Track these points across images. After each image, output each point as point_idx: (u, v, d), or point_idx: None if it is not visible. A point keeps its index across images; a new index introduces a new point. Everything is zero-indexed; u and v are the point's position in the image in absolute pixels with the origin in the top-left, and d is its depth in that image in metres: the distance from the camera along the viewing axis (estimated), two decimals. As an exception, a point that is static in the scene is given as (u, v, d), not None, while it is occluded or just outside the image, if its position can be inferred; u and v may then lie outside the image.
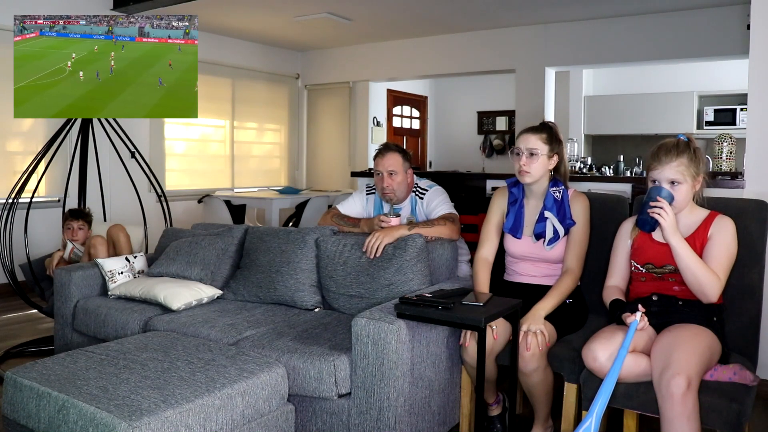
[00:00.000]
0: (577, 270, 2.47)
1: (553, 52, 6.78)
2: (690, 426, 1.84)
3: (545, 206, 2.51)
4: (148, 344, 2.33)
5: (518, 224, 2.55)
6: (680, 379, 1.85)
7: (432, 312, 2.10)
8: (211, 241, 3.31)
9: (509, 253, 2.62)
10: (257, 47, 7.81)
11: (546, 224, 2.49)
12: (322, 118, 8.53)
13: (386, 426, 2.19)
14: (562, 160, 2.56)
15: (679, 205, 2.16)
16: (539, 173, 2.50)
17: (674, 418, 1.85)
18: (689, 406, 1.84)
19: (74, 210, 4.05)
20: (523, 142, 2.51)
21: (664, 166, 2.15)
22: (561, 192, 2.52)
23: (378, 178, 3.14)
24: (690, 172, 2.15)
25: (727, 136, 5.66)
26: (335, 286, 2.91)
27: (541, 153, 2.48)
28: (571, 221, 2.48)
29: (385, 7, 6.20)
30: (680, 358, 1.90)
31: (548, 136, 2.51)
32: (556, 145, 2.53)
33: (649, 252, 2.22)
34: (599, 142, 8.42)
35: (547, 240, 2.49)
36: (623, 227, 2.36)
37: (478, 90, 9.52)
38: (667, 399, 1.86)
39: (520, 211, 2.56)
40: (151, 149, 6.53)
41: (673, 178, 2.14)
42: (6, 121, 5.30)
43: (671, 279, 2.18)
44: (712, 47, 5.99)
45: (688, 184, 2.15)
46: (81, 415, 1.81)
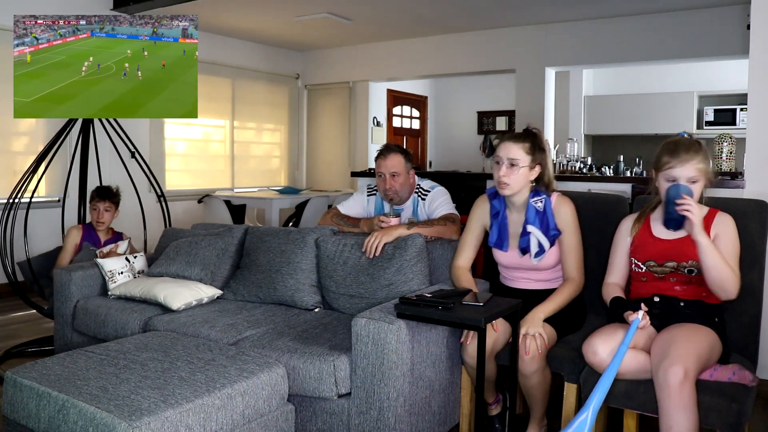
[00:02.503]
0: (578, 278, 2.44)
1: (553, 52, 6.78)
2: (686, 416, 1.84)
3: (527, 219, 2.42)
4: (148, 344, 2.33)
5: (503, 237, 2.49)
6: (677, 368, 1.85)
7: (432, 312, 2.10)
8: (211, 241, 3.31)
9: (499, 263, 2.58)
10: (257, 47, 7.81)
11: (530, 238, 2.42)
12: (322, 118, 8.53)
13: (386, 426, 2.19)
14: (545, 170, 2.45)
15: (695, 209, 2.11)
16: (519, 185, 2.40)
17: (670, 408, 1.85)
18: (685, 396, 1.84)
19: (101, 188, 3.81)
20: (503, 151, 2.39)
21: (684, 164, 2.11)
22: (543, 201, 2.42)
23: (380, 179, 3.13)
24: (706, 170, 2.13)
25: (727, 136, 5.66)
26: (335, 286, 2.91)
27: (522, 164, 2.37)
28: (556, 231, 2.42)
29: (385, 7, 6.20)
30: (678, 349, 1.91)
31: (531, 146, 2.40)
32: (539, 155, 2.42)
33: (651, 249, 2.21)
34: (599, 142, 8.42)
35: (533, 254, 2.43)
36: (623, 224, 2.34)
37: (478, 90, 9.52)
38: (664, 388, 1.86)
39: (504, 223, 2.49)
40: (151, 149, 6.53)
41: (694, 177, 2.11)
42: (6, 121, 5.30)
43: (672, 279, 2.18)
44: (712, 47, 5.99)
45: (702, 183, 2.14)
46: (81, 415, 1.81)
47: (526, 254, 2.45)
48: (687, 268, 2.15)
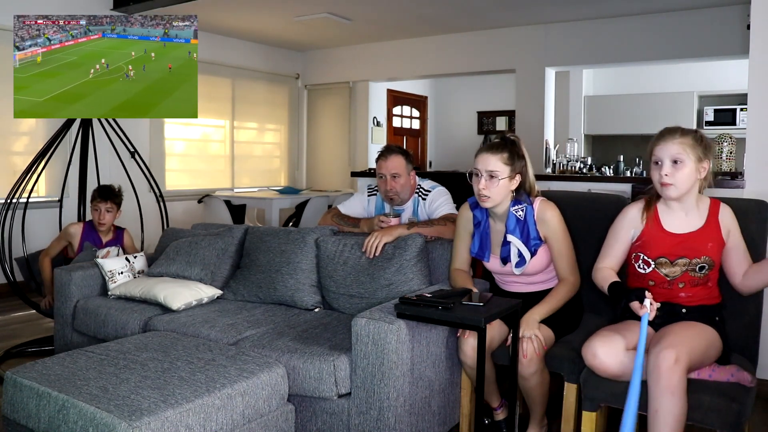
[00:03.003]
0: (572, 278, 2.41)
1: (553, 52, 6.78)
2: (673, 402, 1.82)
3: (507, 228, 2.39)
4: (148, 344, 2.33)
5: (484, 248, 2.47)
6: (668, 352, 1.84)
7: (432, 312, 2.10)
8: (211, 241, 3.31)
9: (487, 269, 2.58)
10: (257, 47, 7.81)
11: (510, 248, 2.39)
12: (322, 118, 8.53)
13: (386, 426, 2.19)
14: (525, 177, 2.41)
15: (681, 187, 2.07)
16: (500, 197, 2.36)
17: (658, 392, 1.84)
18: (674, 381, 1.83)
19: (103, 188, 3.72)
20: (482, 163, 2.35)
21: (667, 142, 2.06)
22: (524, 210, 2.38)
23: (381, 180, 3.13)
24: (694, 153, 2.05)
25: (727, 136, 5.66)
26: (335, 286, 2.91)
27: (501, 176, 2.32)
28: (538, 241, 2.37)
29: (385, 7, 6.20)
30: (673, 337, 1.91)
31: (509, 155, 2.35)
32: (518, 163, 2.37)
33: (663, 244, 2.14)
34: (599, 142, 8.42)
35: (513, 264, 2.40)
36: (628, 213, 2.24)
37: (478, 90, 9.52)
38: (653, 371, 1.86)
39: (486, 233, 2.47)
40: (151, 149, 6.53)
41: (676, 156, 2.04)
42: (6, 121, 5.30)
43: (680, 285, 2.14)
44: (712, 47, 5.99)
45: (691, 167, 2.06)
46: (81, 415, 1.81)
47: (507, 264, 2.42)
48: (699, 264, 2.10)
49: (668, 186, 2.07)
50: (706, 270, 2.12)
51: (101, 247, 3.67)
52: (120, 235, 3.86)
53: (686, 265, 2.12)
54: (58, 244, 3.79)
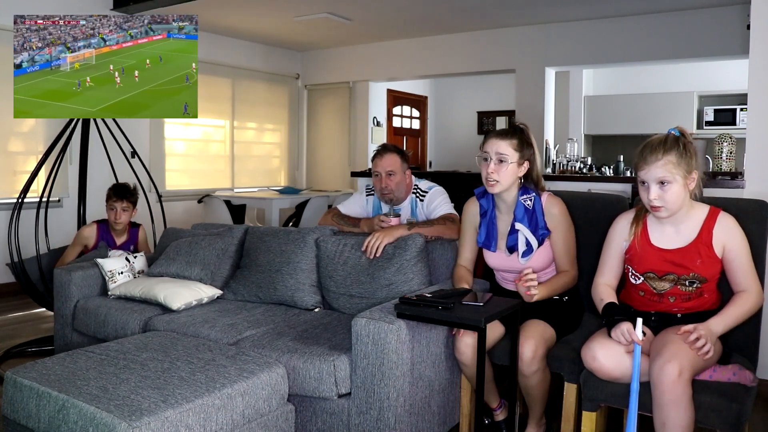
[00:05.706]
0: (572, 270, 2.43)
1: (553, 52, 6.78)
2: (678, 413, 1.83)
3: (516, 217, 2.38)
4: (148, 344, 2.33)
5: (491, 237, 2.46)
6: (671, 366, 1.84)
7: (432, 312, 2.09)
8: (211, 241, 3.31)
9: (489, 264, 2.57)
10: (257, 47, 7.81)
11: (518, 236, 2.38)
12: (322, 118, 8.53)
13: (386, 426, 2.19)
14: (533, 166, 2.41)
15: (671, 207, 2.02)
16: (508, 182, 2.36)
17: (663, 404, 1.85)
18: (678, 393, 1.83)
19: (119, 187, 3.64)
20: (491, 147, 2.35)
21: (650, 166, 1.99)
22: (532, 200, 2.38)
23: (376, 179, 3.13)
24: (680, 170, 1.98)
25: (727, 136, 5.65)
26: (335, 286, 2.91)
27: (510, 160, 2.33)
28: (545, 230, 2.37)
29: (385, 7, 6.20)
30: (674, 348, 1.90)
31: (519, 142, 2.36)
32: (527, 151, 2.38)
33: (650, 260, 2.11)
34: (599, 142, 8.42)
35: (520, 253, 2.39)
36: (618, 223, 2.23)
37: (478, 90, 9.52)
38: (658, 386, 1.86)
39: (492, 223, 2.46)
40: (151, 149, 6.54)
41: (662, 178, 1.99)
42: (6, 122, 5.29)
43: (671, 298, 2.11)
44: (712, 47, 5.99)
45: (679, 183, 1.99)
46: (81, 415, 1.81)
47: (513, 253, 2.41)
48: (688, 280, 2.07)
49: (659, 209, 2.03)
50: (697, 284, 2.07)
51: (115, 248, 3.65)
52: (135, 234, 3.83)
53: (675, 281, 2.08)
54: (74, 250, 3.71)
